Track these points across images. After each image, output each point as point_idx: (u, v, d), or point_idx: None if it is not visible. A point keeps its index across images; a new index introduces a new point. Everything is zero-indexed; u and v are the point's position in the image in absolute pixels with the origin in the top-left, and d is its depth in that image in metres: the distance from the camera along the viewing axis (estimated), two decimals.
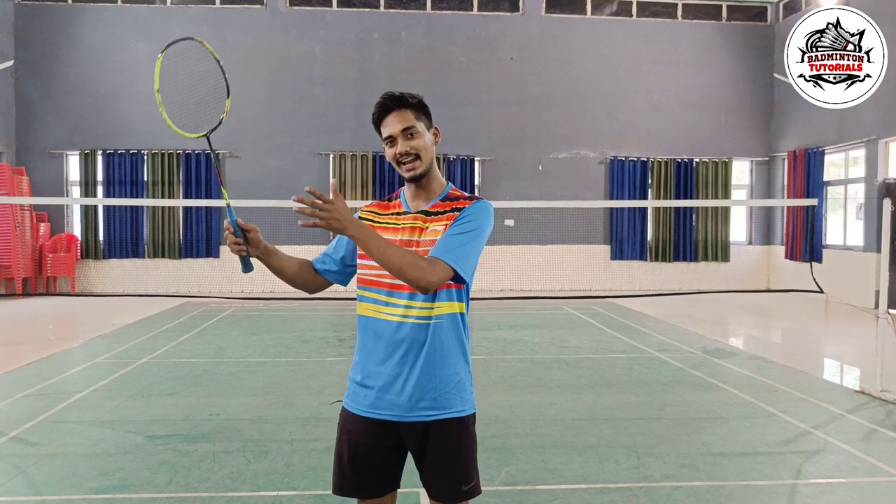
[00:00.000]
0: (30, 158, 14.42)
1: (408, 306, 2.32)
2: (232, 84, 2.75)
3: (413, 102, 2.37)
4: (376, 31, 15.17)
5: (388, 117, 2.35)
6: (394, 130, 2.34)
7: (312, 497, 3.99)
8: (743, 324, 11.75)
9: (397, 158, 2.35)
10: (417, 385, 2.33)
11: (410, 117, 2.35)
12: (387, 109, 2.36)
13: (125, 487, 4.10)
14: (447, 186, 2.43)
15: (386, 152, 2.40)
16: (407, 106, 2.36)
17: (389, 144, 2.36)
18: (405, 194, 2.45)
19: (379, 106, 2.38)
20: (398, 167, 2.37)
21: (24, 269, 13.53)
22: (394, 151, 2.35)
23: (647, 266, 15.59)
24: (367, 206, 2.52)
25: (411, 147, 2.34)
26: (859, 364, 7.86)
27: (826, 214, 14.28)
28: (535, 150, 15.36)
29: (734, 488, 4.18)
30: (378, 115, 2.38)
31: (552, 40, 15.43)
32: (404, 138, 2.34)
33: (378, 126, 2.40)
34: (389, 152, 2.37)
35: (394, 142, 2.35)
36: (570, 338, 9.29)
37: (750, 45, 15.82)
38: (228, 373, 7.18)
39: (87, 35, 14.60)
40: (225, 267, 14.69)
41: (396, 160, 2.36)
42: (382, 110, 2.37)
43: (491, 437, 4.96)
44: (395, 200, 2.47)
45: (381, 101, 2.37)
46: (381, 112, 2.37)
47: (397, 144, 2.34)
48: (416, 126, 2.35)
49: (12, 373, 7.11)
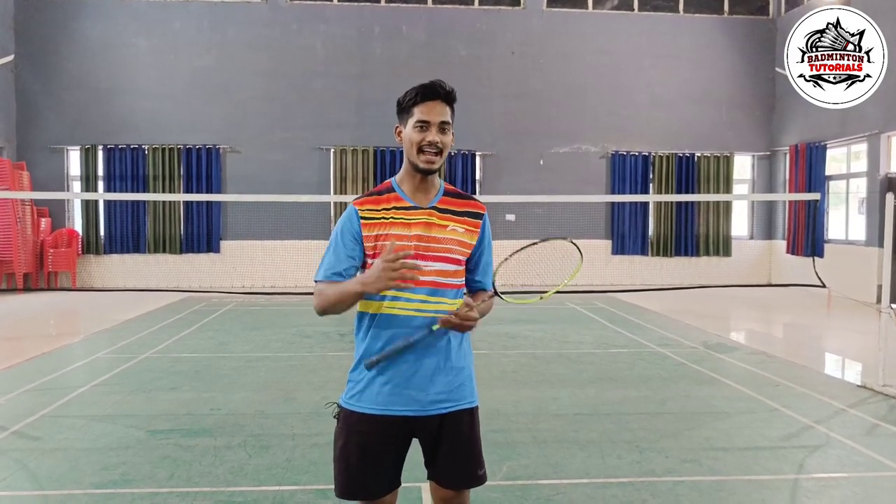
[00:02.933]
0: (30, 153, 14.40)
1: (424, 301, 2.34)
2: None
3: (454, 102, 2.40)
4: (377, 25, 15.13)
5: (431, 102, 2.34)
6: (433, 118, 2.33)
7: (314, 492, 3.98)
8: (744, 318, 11.74)
9: (423, 146, 2.33)
10: (438, 379, 2.36)
11: (448, 114, 2.38)
12: (434, 95, 2.35)
13: (126, 482, 4.10)
14: (441, 182, 2.47)
15: (409, 135, 2.35)
16: (450, 102, 2.39)
17: (421, 129, 2.33)
18: (403, 188, 2.41)
19: (427, 88, 2.35)
20: (417, 154, 2.34)
21: (25, 264, 13.53)
22: (424, 136, 2.32)
23: (649, 261, 15.57)
24: (362, 202, 2.40)
25: (441, 141, 2.34)
26: (861, 359, 7.84)
27: (828, 209, 14.25)
28: (536, 144, 15.33)
29: (736, 483, 4.18)
30: (421, 97, 2.34)
31: (553, 35, 15.39)
32: (439, 130, 2.33)
33: (412, 107, 2.35)
34: (417, 136, 2.33)
35: (426, 128, 2.33)
36: (572, 333, 9.29)
37: (752, 39, 15.77)
38: (229, 368, 7.17)
39: (88, 30, 14.57)
40: (226, 262, 14.69)
41: (420, 147, 2.33)
42: (430, 94, 2.34)
43: (493, 431, 4.95)
44: (390, 193, 2.42)
45: (430, 84, 2.35)
46: (427, 95, 2.34)
47: (430, 132, 2.32)
48: (450, 124, 2.38)
49: (13, 368, 7.11)
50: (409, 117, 2.36)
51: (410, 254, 2.21)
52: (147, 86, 14.67)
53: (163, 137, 14.58)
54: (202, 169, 14.63)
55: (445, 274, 2.38)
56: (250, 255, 14.65)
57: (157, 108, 14.66)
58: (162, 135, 14.58)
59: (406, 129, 2.37)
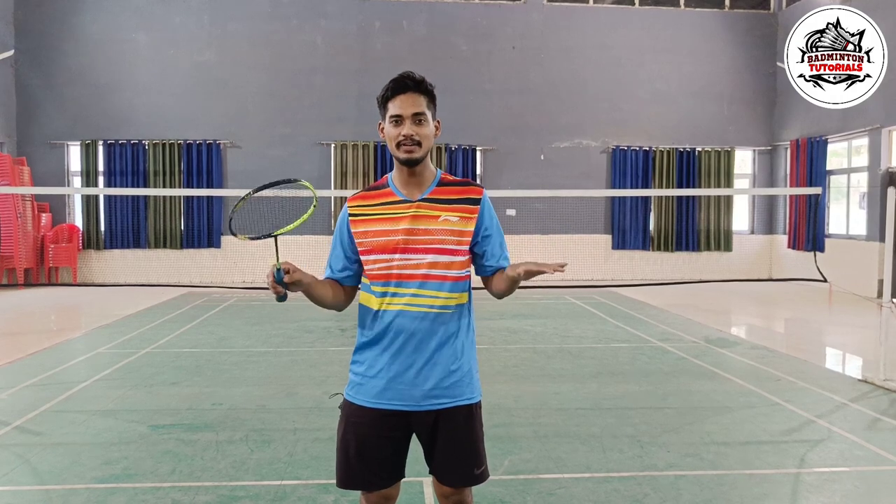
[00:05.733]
0: (31, 149, 14.39)
1: (415, 295, 2.33)
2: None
3: (429, 90, 2.38)
4: (378, 20, 15.10)
5: (402, 96, 2.33)
6: (405, 111, 2.31)
7: (316, 486, 3.98)
8: (745, 313, 11.74)
9: (399, 140, 2.32)
10: (430, 375, 2.34)
11: (423, 103, 2.35)
12: (404, 88, 2.33)
13: (128, 477, 4.10)
14: (437, 173, 2.44)
15: (387, 131, 2.35)
16: (423, 92, 2.36)
17: (395, 124, 2.33)
18: (395, 182, 2.41)
19: (396, 83, 2.34)
20: (396, 148, 2.33)
21: (25, 259, 13.53)
22: (398, 132, 2.32)
23: (649, 255, 15.57)
24: (353, 199, 2.45)
25: (417, 133, 2.32)
26: (862, 353, 7.84)
27: (829, 204, 14.25)
28: (536, 139, 15.32)
29: (738, 477, 4.18)
30: (392, 92, 2.34)
31: (554, 29, 15.37)
32: (413, 122, 2.32)
33: (386, 102, 2.35)
34: (393, 131, 2.33)
35: (400, 122, 2.32)
36: (573, 327, 9.29)
37: (753, 34, 15.74)
38: (231, 363, 7.18)
39: (88, 25, 14.55)
40: (227, 257, 14.70)
41: (397, 142, 2.33)
42: (399, 88, 2.33)
43: (494, 426, 4.95)
44: (383, 189, 2.42)
45: (399, 78, 2.34)
46: (396, 89, 2.34)
47: (404, 126, 2.32)
48: (426, 113, 2.35)
49: (15, 363, 7.11)
50: (386, 112, 2.36)
51: (279, 266, 2.24)
52: (147, 81, 14.66)
53: (163, 132, 14.57)
54: (203, 164, 14.62)
55: (437, 266, 2.34)
56: (251, 250, 14.62)
57: (157, 103, 14.65)
58: (162, 130, 14.58)
59: (385, 125, 2.37)
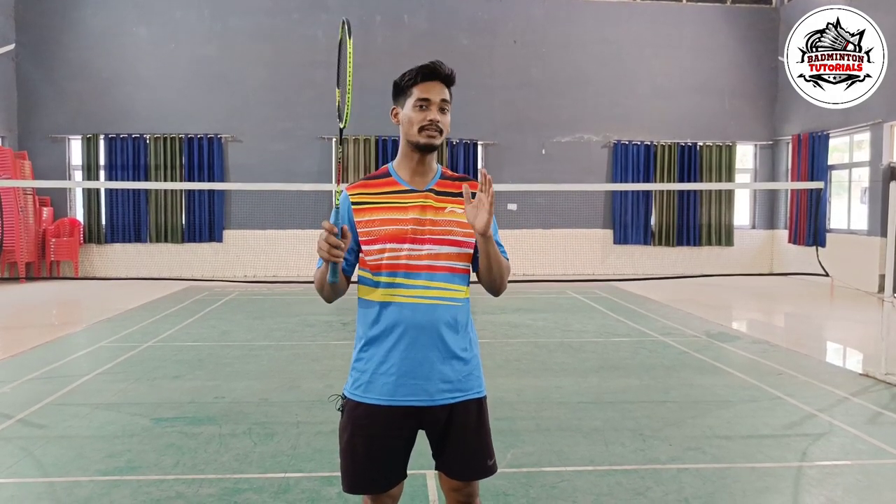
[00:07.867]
0: (32, 143, 14.38)
1: (425, 287, 2.30)
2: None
3: (453, 85, 2.40)
4: (378, 14, 15.07)
5: (431, 82, 2.33)
6: (434, 97, 2.32)
7: (319, 479, 4.00)
8: (747, 308, 11.75)
9: (424, 124, 2.31)
10: (445, 368, 2.31)
11: (448, 94, 2.37)
12: (435, 75, 2.34)
13: (132, 469, 4.12)
14: (438, 168, 2.45)
15: (409, 115, 2.33)
16: (451, 84, 2.39)
17: (421, 108, 2.31)
18: (399, 171, 2.40)
19: (427, 68, 2.34)
20: (418, 133, 2.32)
21: (27, 253, 13.54)
22: (425, 115, 2.31)
23: (651, 250, 15.57)
24: (353, 187, 2.40)
25: (441, 121, 2.33)
26: (864, 348, 7.85)
27: (830, 198, 14.24)
28: (538, 133, 15.30)
29: (740, 470, 4.19)
30: (422, 77, 2.33)
31: (555, 24, 15.34)
32: (439, 109, 2.33)
33: (412, 86, 2.34)
34: (418, 115, 2.31)
35: (426, 106, 2.32)
36: (574, 322, 9.30)
37: (754, 29, 15.71)
38: (233, 356, 7.19)
39: (89, 18, 14.52)
40: (228, 251, 14.70)
41: (421, 125, 2.31)
42: (430, 75, 2.34)
43: (497, 420, 4.88)
44: (386, 178, 2.40)
45: (431, 64, 2.34)
46: (427, 75, 2.33)
47: (430, 111, 2.32)
48: (450, 104, 2.38)
49: (17, 357, 7.13)
50: (408, 97, 2.34)
51: (336, 231, 2.14)
52: (148, 75, 14.64)
53: (164, 127, 14.56)
54: (204, 158, 14.61)
55: (447, 257, 2.32)
56: (252, 244, 14.66)
57: (158, 97, 14.63)
58: (163, 124, 14.56)
59: (405, 110, 2.35)
